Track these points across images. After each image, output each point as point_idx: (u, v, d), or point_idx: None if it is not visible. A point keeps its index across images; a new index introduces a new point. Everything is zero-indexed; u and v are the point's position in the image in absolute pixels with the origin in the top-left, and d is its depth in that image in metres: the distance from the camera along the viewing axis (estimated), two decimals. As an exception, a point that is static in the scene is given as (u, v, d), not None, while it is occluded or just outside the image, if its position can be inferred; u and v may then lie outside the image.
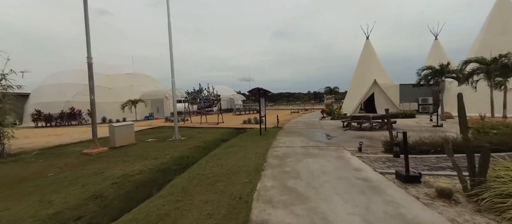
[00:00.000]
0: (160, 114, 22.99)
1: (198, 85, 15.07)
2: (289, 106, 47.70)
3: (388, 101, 16.02)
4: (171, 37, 9.45)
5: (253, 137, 9.10)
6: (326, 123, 13.17)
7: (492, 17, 12.98)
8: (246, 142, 7.96)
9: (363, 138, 7.49)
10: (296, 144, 6.94)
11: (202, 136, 9.97)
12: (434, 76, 10.60)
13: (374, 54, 20.40)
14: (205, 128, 13.33)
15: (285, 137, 8.62)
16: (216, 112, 29.97)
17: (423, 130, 8.60)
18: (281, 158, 5.32)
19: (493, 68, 8.08)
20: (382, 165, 4.31)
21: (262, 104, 10.13)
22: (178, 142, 8.53)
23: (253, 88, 9.22)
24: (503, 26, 12.23)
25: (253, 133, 10.42)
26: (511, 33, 11.69)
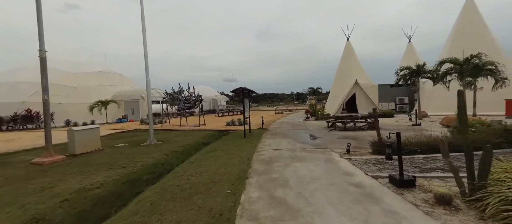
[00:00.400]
0: (135, 116, 21.32)
1: (178, 85, 14.12)
2: (273, 107, 47.85)
3: (369, 101, 16.56)
4: (145, 31, 8.57)
5: (237, 139, 8.58)
6: (310, 124, 13.11)
7: (460, 21, 14.07)
8: (229, 145, 7.42)
9: (349, 139, 7.38)
10: (283, 147, 6.58)
11: (181, 140, 9.19)
12: (411, 76, 11.05)
13: (354, 55, 21.08)
14: (185, 130, 12.47)
15: (270, 139, 8.23)
16: (197, 114, 28.80)
17: (404, 129, 8.79)
18: (267, 162, 4.89)
19: (466, 68, 8.60)
20: (373, 167, 4.09)
21: (246, 105, 9.66)
22: (153, 147, 7.70)
23: (237, 88, 8.72)
24: (470, 29, 13.29)
25: (237, 135, 9.90)
26: (477, 36, 12.73)
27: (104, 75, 23.91)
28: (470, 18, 13.54)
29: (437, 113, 13.20)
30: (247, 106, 10.02)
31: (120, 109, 20.03)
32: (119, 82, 25.05)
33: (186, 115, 14.62)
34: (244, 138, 8.65)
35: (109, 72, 25.66)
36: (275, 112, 31.16)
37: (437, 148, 4.80)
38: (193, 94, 14.28)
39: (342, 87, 19.85)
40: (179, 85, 14.08)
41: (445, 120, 8.43)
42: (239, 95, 9.07)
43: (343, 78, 20.53)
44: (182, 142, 8.75)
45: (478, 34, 12.89)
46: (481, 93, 11.11)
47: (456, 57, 9.23)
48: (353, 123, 9.34)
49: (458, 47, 13.27)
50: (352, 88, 16.79)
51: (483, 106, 11.79)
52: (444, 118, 8.47)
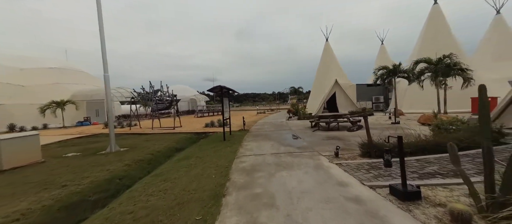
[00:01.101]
0: (100, 118, 18.99)
1: (149, 84, 12.66)
2: (255, 106, 47.39)
3: (348, 101, 16.87)
4: (101, 19, 7.25)
5: (216, 143, 7.73)
6: (293, 123, 12.74)
7: (428, 25, 15.01)
8: (206, 151, 6.55)
9: (335, 140, 7.03)
10: (266, 151, 5.93)
11: (150, 145, 8.03)
12: (388, 76, 11.29)
13: (333, 55, 21.44)
14: (158, 134, 11.18)
15: (252, 141, 7.54)
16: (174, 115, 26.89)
17: (385, 128, 8.79)
18: (249, 172, 4.18)
19: (440, 67, 8.94)
20: (367, 174, 3.63)
21: (225, 105, 8.83)
22: (113, 156, 6.48)
23: (215, 86, 7.86)
24: (435, 33, 14.21)
25: (215, 138, 9.02)
26: (442, 39, 13.63)
27: (63, 73, 20.93)
28: (436, 23, 14.51)
29: (411, 111, 13.83)
30: (226, 106, 9.20)
31: (80, 111, 17.58)
32: (82, 81, 22.18)
33: (159, 116, 13.23)
34: (223, 142, 7.83)
35: (69, 69, 22.56)
36: (257, 111, 30.64)
37: (427, 149, 4.59)
38: (166, 93, 12.95)
39: (322, 87, 20.02)
40: (150, 84, 12.65)
41: (422, 118, 8.62)
42: (219, 95, 8.22)
43: (323, 78, 20.75)
44: (151, 148, 7.61)
45: (443, 37, 13.83)
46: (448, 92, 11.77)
47: (430, 58, 9.60)
48: (336, 123, 9.11)
49: (426, 49, 14.05)
50: (332, 88, 16.95)
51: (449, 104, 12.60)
52: (421, 116, 8.68)
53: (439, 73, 9.07)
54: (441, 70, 9.00)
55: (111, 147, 7.41)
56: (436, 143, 4.47)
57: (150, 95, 12.65)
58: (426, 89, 12.07)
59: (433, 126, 6.26)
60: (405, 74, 10.90)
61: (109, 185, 4.38)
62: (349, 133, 8.00)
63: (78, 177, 4.59)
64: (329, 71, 20.65)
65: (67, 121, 16.80)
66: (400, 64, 10.62)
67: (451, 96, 12.41)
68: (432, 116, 8.22)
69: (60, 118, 15.48)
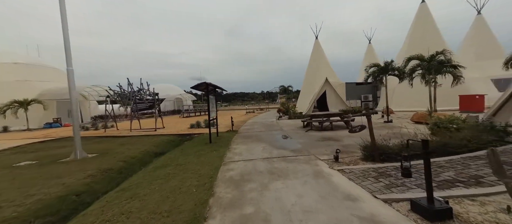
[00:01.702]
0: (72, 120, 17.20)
1: (127, 81, 11.48)
2: (244, 106, 46.66)
3: (339, 99, 16.70)
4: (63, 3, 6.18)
5: (201, 146, 6.94)
6: (284, 123, 12.21)
7: (415, 25, 15.20)
8: (188, 156, 5.76)
9: (331, 141, 6.54)
10: (257, 155, 5.27)
11: (124, 150, 7.06)
12: (380, 73, 11.11)
13: (323, 53, 21.29)
14: (137, 136, 10.11)
15: (241, 144, 6.85)
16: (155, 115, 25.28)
17: (379, 127, 8.49)
18: (237, 183, 3.50)
19: (433, 64, 8.82)
20: (377, 183, 3.10)
21: (212, 104, 8.05)
22: (77, 165, 5.50)
23: (200, 83, 7.04)
24: (423, 32, 14.39)
25: (201, 140, 8.21)
26: (431, 38, 13.80)
27: (30, 69, 18.82)
28: (424, 22, 14.71)
29: (400, 109, 13.86)
30: (213, 105, 8.41)
31: (49, 111, 15.80)
32: (54, 78, 20.09)
33: (139, 117, 12.11)
34: (209, 144, 7.06)
35: (38, 65, 20.37)
36: (246, 111, 29.95)
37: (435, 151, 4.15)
38: (147, 92, 11.85)
39: (312, 86, 19.77)
40: (128, 81, 11.48)
41: (415, 116, 8.43)
42: (207, 93, 7.45)
43: (313, 76, 20.53)
44: (125, 153, 6.66)
45: (431, 36, 14.02)
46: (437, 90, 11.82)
47: (422, 54, 9.49)
48: (329, 122, 8.67)
49: (414, 48, 14.15)
50: (322, 86, 16.70)
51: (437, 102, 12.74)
52: (415, 114, 8.49)
53: (432, 71, 8.94)
54: (434, 67, 8.88)
55: (76, 153, 6.37)
56: (444, 143, 4.07)
57: (128, 94, 11.48)
58: (414, 87, 12.11)
59: (432, 124, 5.96)
60: (396, 72, 10.75)
61: (61, 205, 3.49)
62: (344, 134, 7.56)
63: (22, 195, 3.65)
64: (319, 69, 20.46)
65: (34, 123, 15.02)
66: (392, 61, 10.45)
67: (439, 94, 12.53)
68: (426, 114, 8.03)
69: (23, 119, 13.73)
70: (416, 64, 9.85)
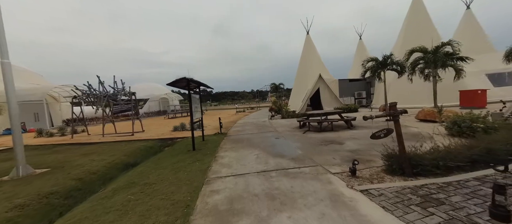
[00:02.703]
0: (40, 124, 15.24)
1: (98, 80, 9.91)
2: (234, 105, 45.39)
3: (333, 97, 16.02)
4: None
5: (181, 155, 5.75)
6: (278, 123, 11.23)
7: (409, 19, 14.79)
8: (163, 170, 4.57)
9: (334, 144, 5.61)
10: (250, 167, 4.20)
11: (86, 162, 5.73)
12: (378, 68, 10.43)
13: (314, 49, 20.55)
14: (108, 143, 8.68)
15: (231, 150, 5.74)
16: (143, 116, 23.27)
17: (382, 126, 7.73)
18: (224, 217, 2.41)
19: (439, 57, 8.19)
20: (429, 216, 2.13)
21: (195, 104, 6.87)
22: (11, 186, 4.16)
23: (180, 79, 5.79)
24: (418, 25, 13.99)
25: (183, 146, 7.02)
26: (425, 32, 13.40)
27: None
28: (417, 15, 14.32)
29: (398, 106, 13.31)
30: (197, 105, 7.22)
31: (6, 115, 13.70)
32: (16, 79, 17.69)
33: (113, 119, 10.60)
34: (192, 152, 5.89)
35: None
36: (236, 110, 28.80)
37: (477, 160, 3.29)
38: (122, 91, 10.35)
39: (304, 83, 18.98)
40: (99, 80, 9.94)
41: (421, 114, 7.75)
42: (189, 91, 6.25)
43: (305, 73, 19.74)
44: (86, 167, 5.34)
45: (426, 30, 13.64)
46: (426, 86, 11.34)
47: (424, 46, 8.86)
48: (329, 122, 7.78)
49: (409, 42, 13.69)
50: (316, 83, 15.93)
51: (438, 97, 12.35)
52: (420, 111, 7.81)
53: (438, 64, 8.30)
54: (439, 60, 8.24)
55: (17, 169, 4.97)
56: (488, 149, 3.21)
57: (99, 94, 9.93)
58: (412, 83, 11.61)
59: (449, 123, 5.19)
60: (395, 66, 10.09)
61: None
62: (347, 135, 6.69)
63: None
64: (310, 66, 19.69)
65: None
66: (392, 55, 9.77)
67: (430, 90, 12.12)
68: (433, 111, 7.36)
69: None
70: (418, 58, 9.21)
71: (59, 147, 8.17)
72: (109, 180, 4.92)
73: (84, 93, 9.91)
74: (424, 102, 12.37)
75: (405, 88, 12.69)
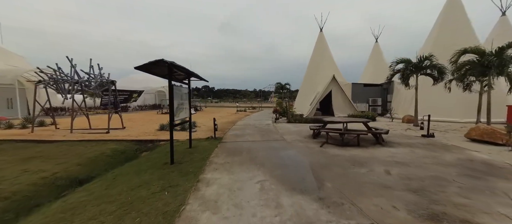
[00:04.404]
0: (13, 111, 13.55)
1: (70, 62, 8.13)
2: (235, 103, 43.63)
3: (346, 102, 14.21)
4: None
5: (150, 172, 3.97)
6: (285, 129, 9.43)
7: (443, 17, 12.95)
8: (110, 203, 2.80)
9: (374, 171, 3.79)
10: (250, 214, 2.41)
11: (12, 174, 3.95)
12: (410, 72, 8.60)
13: (327, 48, 18.75)
14: (71, 142, 6.91)
15: (223, 169, 3.96)
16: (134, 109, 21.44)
17: (424, 146, 5.93)
18: None
19: (505, 60, 6.35)
20: None
21: (179, 100, 5.09)
22: None
23: (156, 61, 3.95)
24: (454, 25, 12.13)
25: (162, 154, 5.25)
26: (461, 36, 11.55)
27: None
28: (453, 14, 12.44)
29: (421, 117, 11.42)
30: (183, 101, 5.43)
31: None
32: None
33: (87, 112, 8.84)
34: (168, 168, 4.12)
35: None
36: (237, 109, 27.02)
37: None
38: (98, 77, 8.57)
39: (314, 85, 17.19)
40: (71, 62, 8.17)
41: (475, 132, 5.90)
42: (170, 80, 4.45)
43: (315, 74, 17.95)
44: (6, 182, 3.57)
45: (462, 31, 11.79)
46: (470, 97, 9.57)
47: (480, 47, 7.07)
48: (356, 135, 5.95)
49: (442, 44, 11.85)
50: (328, 85, 14.12)
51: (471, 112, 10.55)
52: (474, 129, 5.96)
53: (504, 69, 6.46)
54: (507, 64, 6.40)
55: None
56: None
57: (69, 78, 8.16)
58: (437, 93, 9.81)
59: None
60: (431, 70, 8.27)
61: None
62: (384, 155, 4.89)
63: None
64: (322, 66, 17.91)
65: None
66: (431, 56, 7.94)
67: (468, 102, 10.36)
68: (495, 129, 5.54)
69: None
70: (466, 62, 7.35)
71: (4, 144, 6.39)
72: (24, 211, 3.14)
73: (51, 77, 8.14)
74: (455, 115, 10.54)
75: (430, 99, 10.87)
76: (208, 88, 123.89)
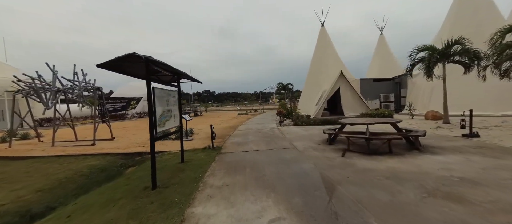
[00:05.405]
0: (4, 123, 12.78)
1: (51, 69, 7.22)
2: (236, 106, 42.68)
3: (356, 99, 13.04)
4: None
5: (126, 201, 2.94)
6: (292, 133, 8.34)
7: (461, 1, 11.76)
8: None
9: (420, 189, 2.67)
10: None
11: None
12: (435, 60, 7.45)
13: (330, 43, 17.63)
14: (48, 158, 5.93)
15: (220, 196, 2.90)
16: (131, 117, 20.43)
17: (479, 150, 4.79)
18: None
19: None
20: None
21: (165, 106, 4.07)
22: None
23: (127, 55, 2.98)
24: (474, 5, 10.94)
25: (148, 172, 4.18)
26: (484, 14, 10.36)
27: None
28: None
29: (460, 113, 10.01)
30: (170, 107, 4.40)
31: None
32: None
33: (72, 122, 7.90)
34: (147, 196, 3.08)
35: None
36: (238, 112, 26.03)
37: None
38: (82, 84, 7.61)
39: (318, 83, 16.08)
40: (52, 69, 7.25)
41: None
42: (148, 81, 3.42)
43: (319, 72, 16.83)
44: None
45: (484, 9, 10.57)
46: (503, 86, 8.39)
47: None
48: (387, 140, 4.82)
49: (461, 26, 10.66)
50: (336, 82, 12.99)
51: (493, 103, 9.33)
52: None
53: None
54: None
55: None
56: None
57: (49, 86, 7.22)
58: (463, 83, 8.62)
59: None
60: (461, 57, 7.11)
61: None
62: (433, 166, 3.77)
63: None
64: (326, 63, 16.79)
65: None
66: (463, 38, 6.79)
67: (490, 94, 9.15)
68: None
69: None
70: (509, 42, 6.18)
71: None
72: None
73: (29, 86, 7.22)
74: (487, 108, 9.33)
75: (454, 91, 9.65)
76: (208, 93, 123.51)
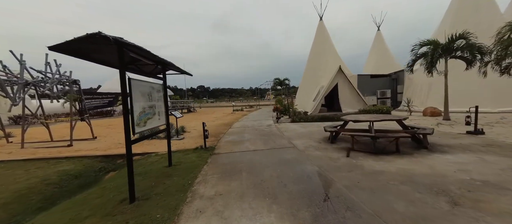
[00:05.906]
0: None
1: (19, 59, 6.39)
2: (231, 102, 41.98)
3: (354, 95, 12.74)
4: None
5: (95, 221, 2.34)
6: (290, 130, 7.90)
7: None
8: None
9: (442, 195, 2.26)
10: None
11: None
12: (437, 56, 7.16)
13: (329, 38, 17.23)
14: (13, 162, 5.22)
15: (211, 212, 2.38)
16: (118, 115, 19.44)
17: (489, 148, 4.49)
18: None
19: None
20: None
21: (147, 101, 3.49)
22: None
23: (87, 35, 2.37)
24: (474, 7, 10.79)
25: (122, 182, 3.58)
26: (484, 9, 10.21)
27: None
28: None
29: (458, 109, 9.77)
30: (153, 103, 3.82)
31: None
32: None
33: (46, 120, 7.11)
34: (123, 213, 2.52)
35: None
36: (233, 108, 25.42)
37: None
38: (55, 76, 6.82)
39: (316, 79, 15.71)
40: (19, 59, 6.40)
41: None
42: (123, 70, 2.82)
43: (317, 67, 16.44)
44: None
45: (485, 7, 10.45)
46: (500, 83, 8.26)
47: None
48: (395, 138, 4.43)
49: (462, 21, 10.47)
50: (334, 78, 12.62)
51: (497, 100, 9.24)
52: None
53: None
54: None
55: None
56: None
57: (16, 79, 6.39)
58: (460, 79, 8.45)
59: None
60: (465, 52, 6.83)
61: None
62: (447, 168, 3.39)
63: None
64: (324, 58, 16.40)
65: None
66: (468, 33, 6.51)
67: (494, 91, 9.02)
68: None
69: None
70: None
71: None
72: None
73: None
74: (484, 105, 9.20)
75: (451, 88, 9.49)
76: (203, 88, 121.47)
